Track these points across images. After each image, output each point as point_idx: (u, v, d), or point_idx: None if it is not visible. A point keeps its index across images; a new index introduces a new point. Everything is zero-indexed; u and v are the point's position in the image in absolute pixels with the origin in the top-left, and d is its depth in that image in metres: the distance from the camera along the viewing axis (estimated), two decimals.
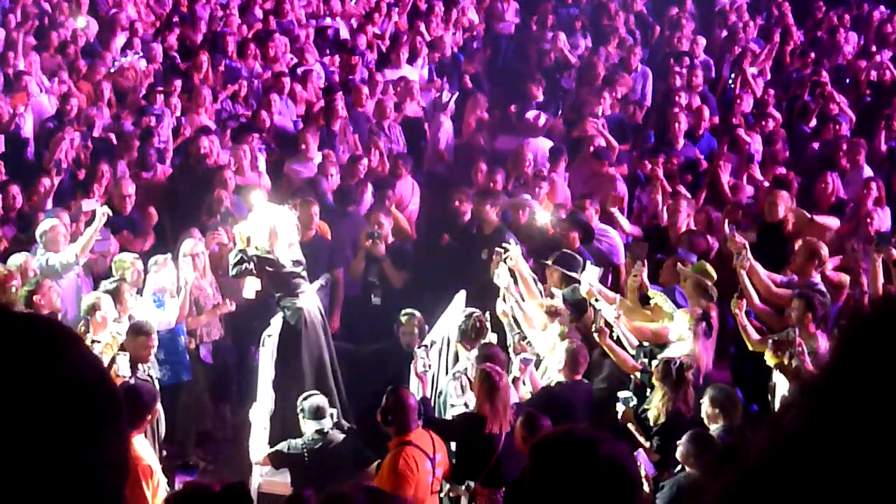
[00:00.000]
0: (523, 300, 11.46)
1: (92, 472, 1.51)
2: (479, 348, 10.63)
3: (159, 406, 9.93)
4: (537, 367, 10.95)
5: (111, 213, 12.62)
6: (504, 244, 11.89)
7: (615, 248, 13.79)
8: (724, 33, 22.31)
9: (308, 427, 10.26)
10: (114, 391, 1.60)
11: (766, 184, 15.15)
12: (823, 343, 10.60)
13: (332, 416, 10.41)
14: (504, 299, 11.45)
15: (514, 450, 9.19)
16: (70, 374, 1.52)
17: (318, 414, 10.24)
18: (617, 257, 13.77)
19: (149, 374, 10.66)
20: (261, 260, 11.27)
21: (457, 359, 11.45)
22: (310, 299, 11.68)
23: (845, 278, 12.53)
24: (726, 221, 12.86)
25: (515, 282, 11.61)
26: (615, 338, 10.90)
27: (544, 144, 16.98)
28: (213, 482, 5.55)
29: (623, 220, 14.35)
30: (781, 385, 10.52)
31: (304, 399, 10.42)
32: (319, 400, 10.37)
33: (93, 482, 1.51)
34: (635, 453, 8.94)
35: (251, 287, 11.71)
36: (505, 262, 11.55)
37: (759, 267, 11.79)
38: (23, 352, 1.52)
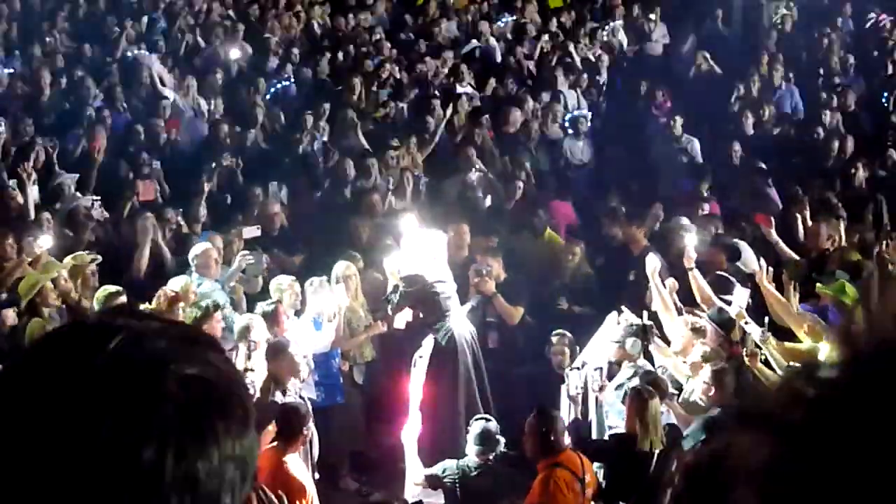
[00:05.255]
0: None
1: (212, 465, 1.58)
2: (640, 376, 10.57)
3: (313, 427, 10.02)
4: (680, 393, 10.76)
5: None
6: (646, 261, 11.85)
7: None
8: (877, 52, 21.91)
9: (471, 451, 9.99)
10: (235, 391, 1.67)
11: None
12: None
13: (500, 443, 10.02)
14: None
15: (667, 469, 9.13)
16: (194, 371, 1.61)
17: (482, 440, 9.95)
18: None
19: (301, 395, 10.77)
20: (409, 283, 11.40)
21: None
22: (460, 320, 11.75)
23: None
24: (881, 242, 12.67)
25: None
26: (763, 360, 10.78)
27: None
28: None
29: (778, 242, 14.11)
30: None
31: (474, 421, 10.22)
32: (487, 425, 10.07)
33: (213, 473, 1.58)
34: None
35: (401, 317, 11.85)
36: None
37: None
38: (152, 350, 1.61)
